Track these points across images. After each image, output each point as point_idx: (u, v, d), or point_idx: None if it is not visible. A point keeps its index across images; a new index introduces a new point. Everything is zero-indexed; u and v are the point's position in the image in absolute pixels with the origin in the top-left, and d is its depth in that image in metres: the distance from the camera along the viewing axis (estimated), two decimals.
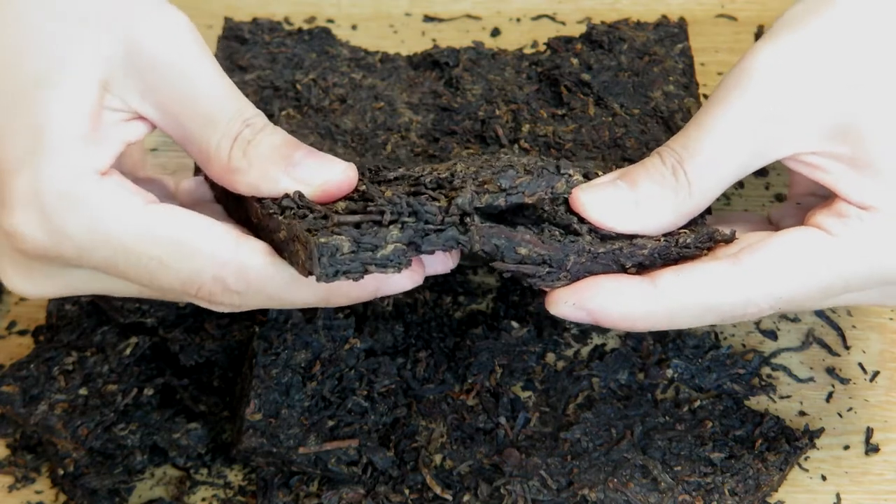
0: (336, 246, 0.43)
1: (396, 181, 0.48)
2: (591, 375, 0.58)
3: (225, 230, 0.45)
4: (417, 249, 0.45)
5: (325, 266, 0.43)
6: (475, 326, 0.59)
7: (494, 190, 0.46)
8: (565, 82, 0.64)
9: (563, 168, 0.48)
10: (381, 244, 0.43)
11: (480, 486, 0.54)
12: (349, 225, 0.44)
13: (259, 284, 0.46)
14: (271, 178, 0.46)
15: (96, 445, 0.55)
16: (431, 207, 0.45)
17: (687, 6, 0.75)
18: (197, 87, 0.46)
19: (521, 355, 0.59)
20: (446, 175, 0.47)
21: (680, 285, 0.46)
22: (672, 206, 0.47)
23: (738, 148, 0.47)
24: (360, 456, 0.54)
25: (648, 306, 0.46)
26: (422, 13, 0.76)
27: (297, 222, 0.44)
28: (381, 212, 0.44)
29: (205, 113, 0.46)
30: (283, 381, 0.54)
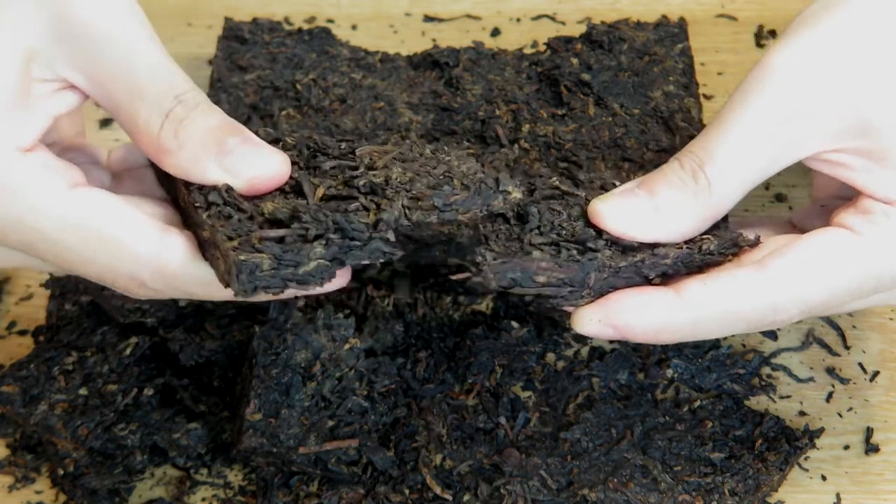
0: (256, 264, 0.42)
1: (332, 172, 0.46)
2: (591, 375, 0.58)
3: (146, 224, 0.44)
4: (341, 264, 0.43)
5: (243, 283, 0.42)
6: (475, 326, 0.59)
7: (427, 207, 0.44)
8: (565, 82, 0.64)
9: (502, 184, 0.46)
10: (304, 261, 0.42)
11: (480, 486, 0.54)
12: (272, 240, 0.42)
13: (176, 283, 0.45)
14: (201, 164, 0.45)
15: (96, 445, 0.55)
16: (358, 224, 0.43)
17: (687, 6, 0.75)
18: (127, 57, 0.44)
19: (521, 355, 0.59)
20: (381, 180, 0.45)
21: (705, 294, 0.45)
22: (693, 210, 0.46)
23: (758, 149, 0.46)
24: (360, 456, 0.54)
25: (675, 318, 0.45)
26: (422, 13, 0.76)
27: (220, 226, 0.43)
28: (305, 229, 0.43)
29: (134, 84, 0.44)
30: (283, 381, 0.54)
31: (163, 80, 0.45)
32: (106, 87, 0.45)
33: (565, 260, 0.46)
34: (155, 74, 0.45)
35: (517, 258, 0.46)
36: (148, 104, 0.44)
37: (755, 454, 0.54)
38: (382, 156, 0.47)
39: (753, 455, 0.54)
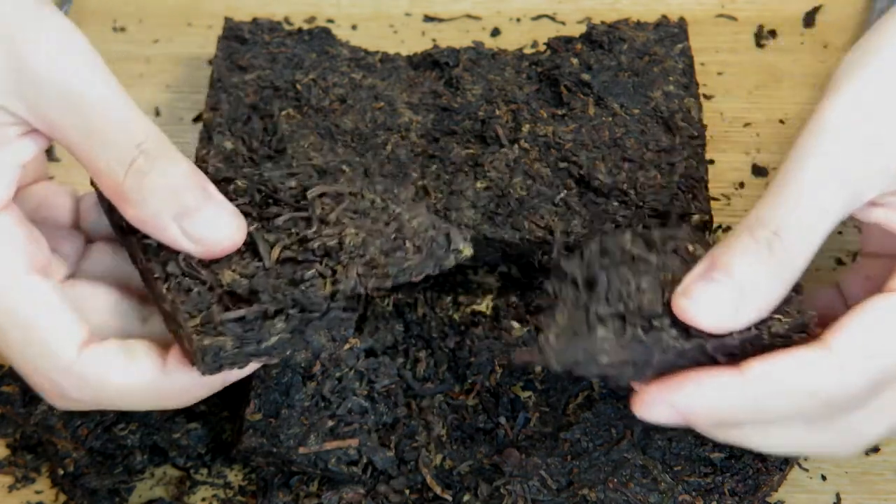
0: (219, 345, 0.43)
1: (285, 226, 0.46)
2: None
3: (75, 332, 0.44)
4: (302, 334, 0.44)
5: (208, 363, 0.43)
6: (475, 326, 0.59)
7: (381, 275, 0.44)
8: (565, 82, 0.64)
9: (453, 243, 0.46)
10: (266, 337, 0.43)
11: (480, 486, 0.54)
12: (233, 321, 0.43)
13: (102, 396, 0.45)
14: (161, 222, 0.44)
15: (96, 445, 0.55)
16: (316, 298, 0.43)
17: (687, 6, 0.75)
18: (84, 105, 0.43)
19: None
20: (334, 243, 0.45)
21: (767, 372, 0.44)
22: (776, 283, 0.45)
23: (827, 209, 0.45)
24: (360, 456, 0.54)
25: (736, 397, 0.44)
26: (422, 13, 0.76)
27: (180, 302, 0.43)
28: (264, 310, 0.43)
29: (93, 132, 0.44)
30: (283, 381, 0.54)
31: (122, 129, 0.44)
32: (66, 135, 0.44)
33: (629, 340, 0.45)
34: (114, 122, 0.44)
35: (580, 341, 0.45)
36: (109, 154, 0.44)
37: (755, 454, 0.54)
38: (334, 206, 0.47)
39: (753, 455, 0.54)
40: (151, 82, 0.73)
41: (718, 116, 0.70)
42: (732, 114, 0.70)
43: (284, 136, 0.62)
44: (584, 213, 0.59)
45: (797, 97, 0.70)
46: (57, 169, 0.69)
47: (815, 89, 0.70)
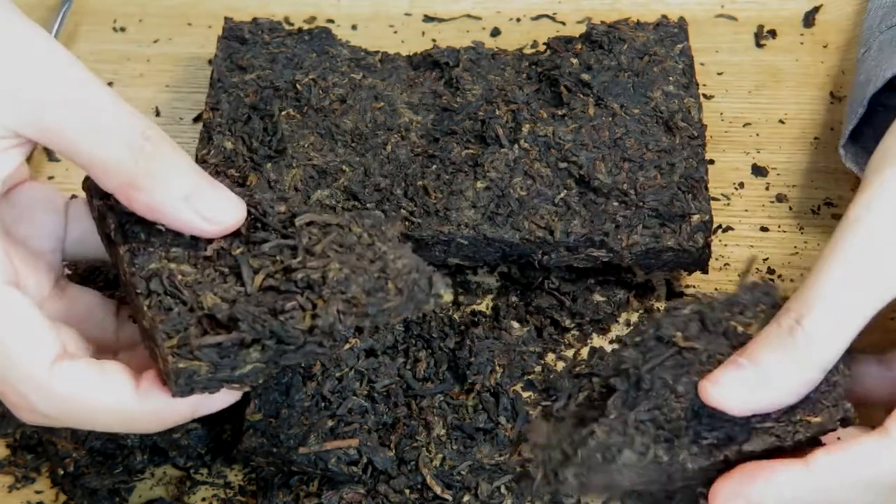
0: (194, 370, 0.43)
1: (271, 252, 0.46)
2: (592, 375, 0.58)
3: (47, 347, 0.44)
4: (276, 364, 0.44)
5: (181, 386, 0.43)
6: (475, 326, 0.59)
7: (360, 314, 0.44)
8: (565, 82, 0.64)
9: (434, 287, 0.46)
10: (240, 365, 0.43)
11: (480, 486, 0.54)
12: (210, 347, 0.43)
13: (69, 410, 0.45)
14: (174, 205, 0.45)
15: (96, 445, 0.55)
16: (294, 331, 0.43)
17: (687, 6, 0.75)
18: (84, 100, 0.44)
19: (521, 355, 0.59)
20: (318, 276, 0.45)
21: (835, 465, 0.45)
22: (798, 369, 0.46)
23: (854, 294, 0.46)
24: (360, 456, 0.54)
25: (804, 489, 0.45)
26: (422, 13, 0.76)
27: (159, 321, 0.44)
28: (241, 336, 0.43)
29: (97, 126, 0.44)
30: (283, 381, 0.54)
31: (124, 121, 0.44)
32: (67, 138, 0.44)
33: (647, 464, 0.47)
34: (116, 116, 0.44)
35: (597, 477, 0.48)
36: (115, 145, 0.44)
37: None
38: (321, 237, 0.47)
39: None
40: (151, 82, 0.73)
41: (718, 116, 0.70)
42: (732, 114, 0.70)
43: (284, 136, 0.62)
44: (584, 213, 0.59)
45: (797, 97, 0.70)
46: (57, 168, 0.69)
47: (814, 89, 0.70)
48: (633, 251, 0.58)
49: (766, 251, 0.63)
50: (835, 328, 0.46)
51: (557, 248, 0.59)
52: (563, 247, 0.59)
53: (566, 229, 0.58)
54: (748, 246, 0.64)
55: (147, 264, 0.46)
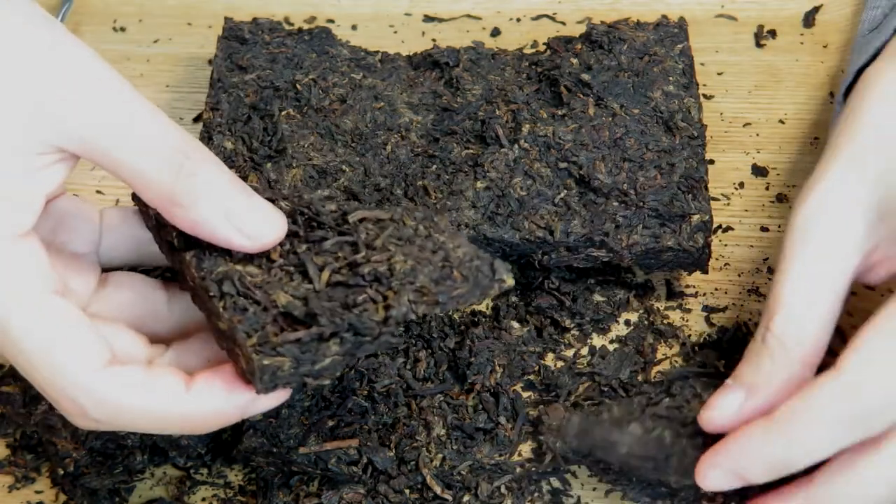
0: (278, 366, 0.44)
1: (332, 249, 0.47)
2: (592, 374, 0.58)
3: (96, 354, 0.45)
4: (353, 356, 0.45)
5: (266, 382, 0.44)
6: (475, 326, 0.59)
7: (431, 302, 0.45)
8: (565, 82, 0.63)
9: (497, 273, 0.47)
10: (321, 359, 0.44)
11: (480, 486, 0.54)
12: (291, 343, 0.44)
13: (118, 415, 0.45)
14: (214, 222, 0.45)
15: (96, 445, 0.55)
16: (370, 322, 0.44)
17: (687, 6, 0.75)
18: (127, 120, 0.45)
19: (521, 355, 0.59)
20: (384, 269, 0.46)
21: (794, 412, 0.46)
22: (774, 373, 0.48)
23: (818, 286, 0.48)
24: (360, 456, 0.54)
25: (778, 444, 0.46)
26: (422, 13, 0.76)
27: (238, 321, 0.44)
28: (321, 333, 0.44)
29: (138, 144, 0.45)
30: None
31: (164, 137, 0.45)
32: (110, 155, 0.45)
33: (648, 439, 0.50)
34: (156, 133, 0.45)
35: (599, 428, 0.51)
36: (156, 163, 0.45)
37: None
38: (378, 232, 0.48)
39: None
40: (151, 82, 0.73)
41: (718, 116, 0.70)
42: (732, 114, 0.70)
43: (284, 136, 0.62)
44: (584, 213, 0.59)
45: (797, 97, 0.70)
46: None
47: (814, 89, 0.70)
48: (633, 251, 0.58)
49: (766, 251, 0.63)
50: (803, 325, 0.48)
51: (557, 248, 0.59)
52: (563, 247, 0.59)
53: (566, 229, 0.58)
54: (748, 246, 0.64)
55: (215, 268, 0.46)
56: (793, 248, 0.49)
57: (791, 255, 0.49)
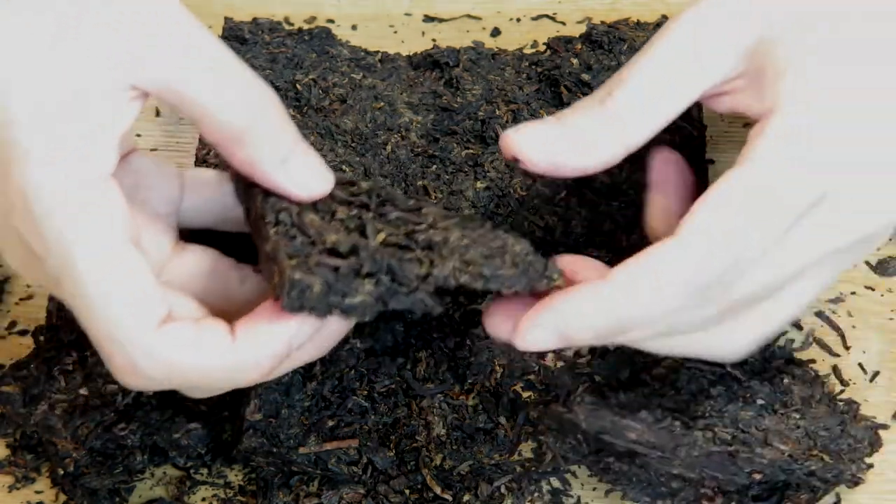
0: (308, 284, 0.44)
1: (396, 221, 0.48)
2: (592, 374, 0.58)
3: (155, 310, 0.44)
4: (384, 305, 0.45)
5: (292, 299, 0.44)
6: (475, 326, 0.59)
7: (475, 273, 0.46)
8: (565, 82, 0.64)
9: (549, 270, 0.47)
10: (352, 293, 0.44)
11: (480, 486, 0.54)
12: (328, 267, 0.44)
13: (168, 376, 0.45)
14: (272, 163, 0.47)
15: (96, 445, 0.55)
16: (409, 272, 0.45)
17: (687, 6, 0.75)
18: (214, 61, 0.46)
19: (521, 355, 0.59)
20: (439, 239, 0.47)
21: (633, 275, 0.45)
22: (603, 134, 0.47)
23: (666, 77, 0.47)
24: (360, 456, 0.54)
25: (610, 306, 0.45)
26: (422, 13, 0.76)
27: (283, 244, 0.45)
28: (360, 265, 0.45)
29: (219, 84, 0.46)
30: (283, 381, 0.54)
31: (245, 77, 0.46)
32: (191, 91, 0.45)
33: (659, 428, 0.50)
34: (237, 71, 0.46)
35: (610, 411, 0.50)
36: (231, 97, 0.46)
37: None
38: (445, 219, 0.49)
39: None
40: None
41: (718, 116, 0.70)
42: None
43: None
44: (584, 213, 0.59)
45: None
46: None
47: None
48: (633, 251, 0.58)
49: None
50: (646, 104, 0.47)
51: (557, 248, 0.59)
52: (562, 247, 0.59)
53: (566, 229, 0.58)
54: None
55: (279, 203, 0.48)
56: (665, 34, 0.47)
57: (660, 39, 0.47)
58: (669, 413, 0.51)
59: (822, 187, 0.45)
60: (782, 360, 0.57)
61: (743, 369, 0.55)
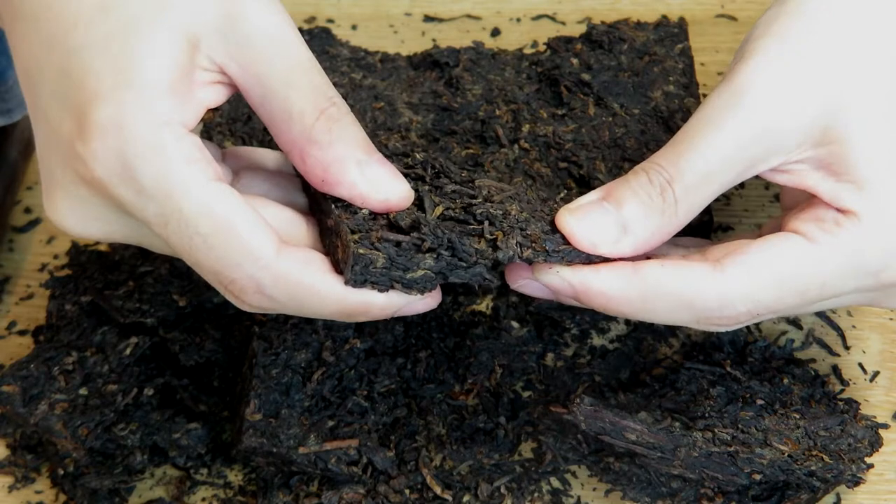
0: (371, 259, 0.45)
1: (452, 195, 0.49)
2: (592, 374, 0.58)
3: (272, 233, 0.46)
4: (444, 278, 0.46)
5: (356, 274, 0.45)
6: (475, 326, 0.59)
7: (539, 248, 0.47)
8: (565, 82, 0.64)
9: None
10: (413, 268, 0.46)
11: (480, 486, 0.54)
12: (390, 242, 0.46)
13: (297, 292, 0.46)
14: (345, 165, 0.47)
15: (96, 445, 0.55)
16: (469, 248, 0.46)
17: (687, 6, 0.75)
18: (287, 54, 0.47)
19: (521, 355, 0.59)
20: (499, 213, 0.48)
21: (661, 275, 0.47)
22: (658, 227, 0.48)
23: (729, 167, 0.47)
24: (360, 456, 0.54)
25: (628, 288, 0.47)
26: (422, 13, 0.76)
27: (346, 218, 0.46)
28: (421, 240, 0.46)
29: (292, 78, 0.46)
30: (283, 381, 0.54)
31: (318, 82, 0.47)
32: (262, 79, 0.46)
33: (658, 429, 0.50)
34: (311, 74, 0.47)
35: (610, 412, 0.50)
36: (304, 98, 0.46)
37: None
38: (500, 192, 0.50)
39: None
40: None
41: None
42: None
43: None
44: None
45: None
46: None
47: None
48: None
49: None
50: (702, 192, 0.47)
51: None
52: None
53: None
54: None
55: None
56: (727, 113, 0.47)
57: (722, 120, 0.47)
58: (669, 413, 0.51)
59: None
60: (782, 360, 0.57)
61: (743, 369, 0.55)
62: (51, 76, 0.45)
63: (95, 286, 0.58)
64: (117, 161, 0.44)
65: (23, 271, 0.65)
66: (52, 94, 0.45)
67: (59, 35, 0.45)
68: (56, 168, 0.46)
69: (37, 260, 0.65)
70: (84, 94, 0.44)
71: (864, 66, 0.47)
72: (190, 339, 0.57)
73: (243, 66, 0.46)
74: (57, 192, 0.47)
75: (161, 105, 0.44)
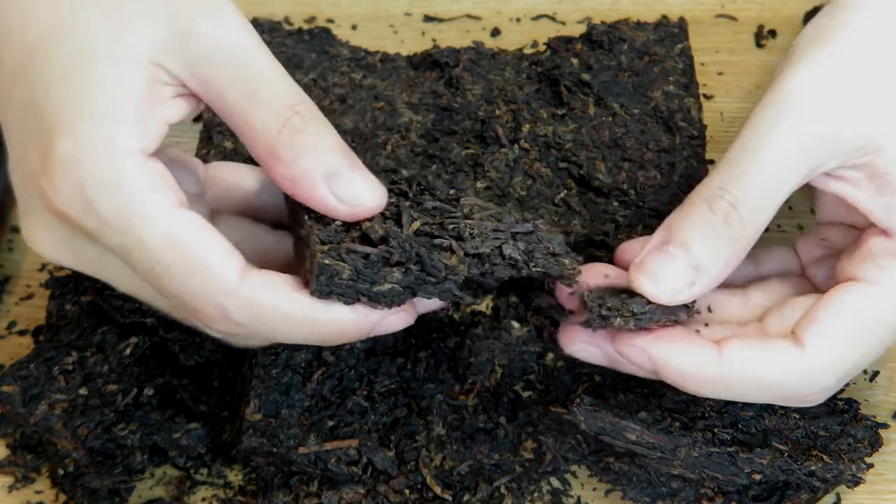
0: (337, 270, 0.44)
1: (432, 211, 0.49)
2: (592, 374, 0.58)
3: (235, 258, 0.45)
4: (413, 293, 0.46)
5: (321, 284, 0.45)
6: (475, 326, 0.59)
7: (627, 314, 0.47)
8: (565, 82, 0.64)
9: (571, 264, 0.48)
10: (380, 281, 0.45)
11: (480, 486, 0.54)
12: (358, 254, 0.45)
13: (258, 316, 0.45)
14: (311, 181, 0.45)
15: (96, 445, 0.55)
16: (437, 263, 0.46)
17: (687, 6, 0.75)
18: (244, 66, 0.45)
19: (521, 355, 0.59)
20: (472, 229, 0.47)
21: (744, 361, 0.46)
22: (729, 257, 0.46)
23: (786, 179, 0.46)
24: (360, 456, 0.54)
25: (710, 371, 0.46)
26: (422, 13, 0.76)
27: (317, 229, 0.46)
28: (390, 253, 0.45)
29: (251, 92, 0.45)
30: (283, 381, 0.54)
31: (279, 90, 0.46)
32: (222, 94, 0.45)
33: (658, 429, 0.50)
34: (271, 84, 0.46)
35: (610, 412, 0.50)
36: (265, 111, 0.45)
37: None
38: (481, 210, 0.50)
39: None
40: None
41: (718, 116, 0.70)
42: (732, 114, 0.70)
43: None
44: (584, 213, 0.59)
45: None
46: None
47: None
48: None
49: None
50: (768, 207, 0.46)
51: None
52: None
53: (566, 229, 0.58)
54: None
55: None
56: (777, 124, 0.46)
57: (773, 131, 0.46)
58: (669, 413, 0.51)
59: None
60: None
61: None
62: (18, 105, 0.45)
63: (95, 286, 0.58)
64: (78, 195, 0.44)
65: (23, 271, 0.65)
66: (18, 125, 0.45)
67: (22, 64, 0.45)
68: (28, 195, 0.46)
69: (37, 260, 0.65)
70: (45, 126, 0.44)
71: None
72: (190, 339, 0.57)
73: (202, 82, 0.45)
74: (31, 216, 0.47)
75: (119, 135, 0.44)
